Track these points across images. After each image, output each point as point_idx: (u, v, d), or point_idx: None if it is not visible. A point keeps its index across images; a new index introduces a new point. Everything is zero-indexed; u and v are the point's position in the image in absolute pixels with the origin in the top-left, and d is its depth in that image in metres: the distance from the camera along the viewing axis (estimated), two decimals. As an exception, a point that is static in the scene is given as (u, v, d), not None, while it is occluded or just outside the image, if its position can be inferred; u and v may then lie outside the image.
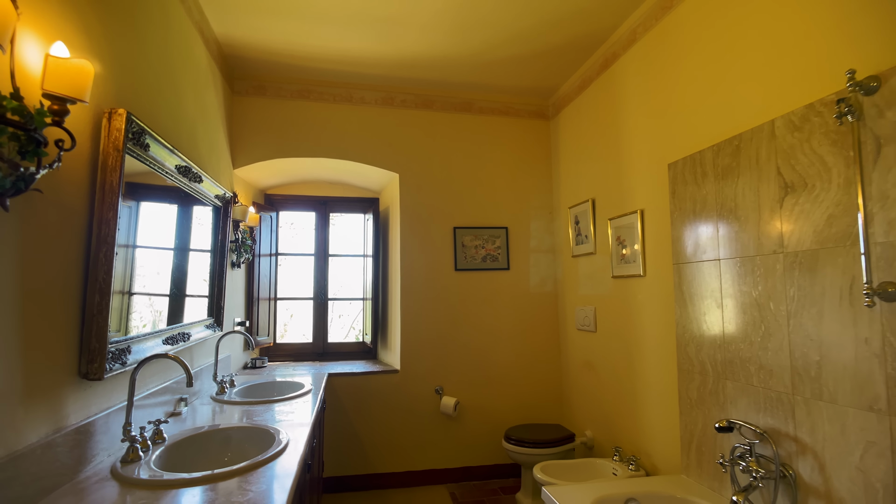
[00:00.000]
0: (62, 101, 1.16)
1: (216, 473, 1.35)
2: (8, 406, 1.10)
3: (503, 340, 3.52)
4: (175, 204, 2.11)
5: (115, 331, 1.54)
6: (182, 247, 2.20)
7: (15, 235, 1.12)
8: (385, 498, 3.10)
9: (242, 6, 2.51)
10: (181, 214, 2.19)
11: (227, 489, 1.28)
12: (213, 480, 1.32)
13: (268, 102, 3.31)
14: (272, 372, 3.18)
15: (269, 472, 1.40)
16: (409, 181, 3.49)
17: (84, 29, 1.40)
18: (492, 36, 2.82)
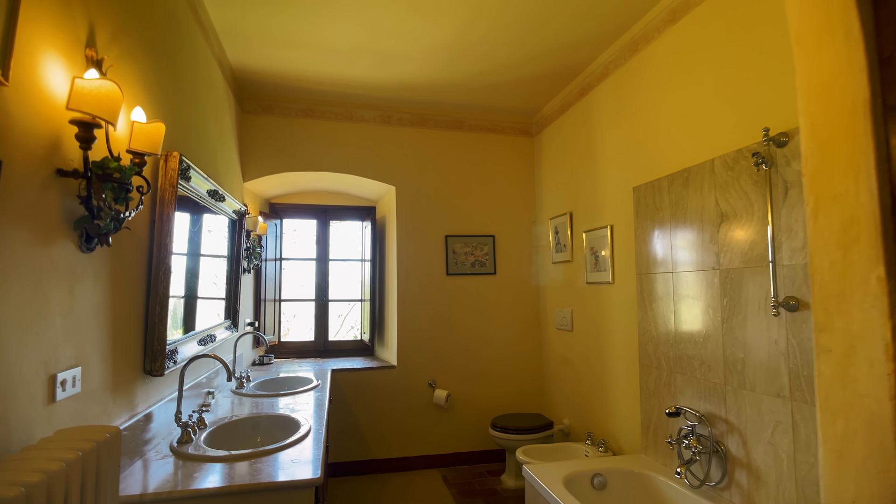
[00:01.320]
0: (142, 156, 1.46)
1: (258, 450, 1.67)
2: (103, 399, 1.41)
3: (490, 338, 3.87)
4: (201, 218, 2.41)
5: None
6: (209, 256, 2.50)
7: (109, 264, 1.43)
8: (383, 481, 3.44)
9: (257, 40, 2.79)
10: (206, 228, 2.48)
11: (273, 460, 1.60)
12: (256, 456, 1.64)
13: (274, 120, 3.60)
14: (278, 368, 3.49)
15: (302, 446, 1.72)
16: (405, 193, 3.81)
17: (146, 86, 1.69)
18: (481, 66, 3.14)
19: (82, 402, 1.29)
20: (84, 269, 1.30)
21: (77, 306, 1.27)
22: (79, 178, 1.21)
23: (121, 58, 1.49)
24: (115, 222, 1.36)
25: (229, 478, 1.47)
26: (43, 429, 1.12)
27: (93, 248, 1.32)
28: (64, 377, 1.20)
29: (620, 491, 2.33)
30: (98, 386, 1.38)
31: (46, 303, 1.13)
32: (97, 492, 1.06)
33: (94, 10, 1.35)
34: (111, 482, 1.13)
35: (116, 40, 1.47)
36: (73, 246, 1.25)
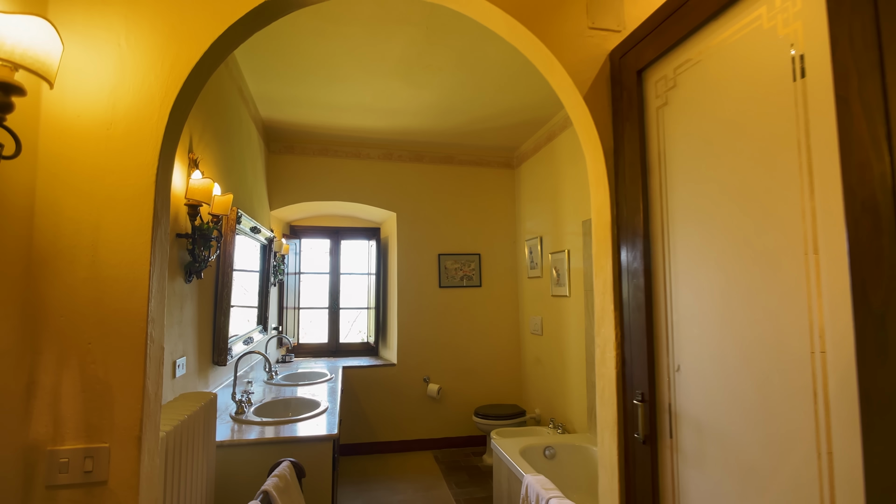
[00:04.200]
0: (219, 217, 2.18)
1: (292, 418, 2.38)
2: (195, 379, 2.13)
3: (476, 341, 4.56)
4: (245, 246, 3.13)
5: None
6: (248, 274, 3.22)
7: (199, 290, 2.15)
8: (385, 459, 4.14)
9: (284, 102, 3.53)
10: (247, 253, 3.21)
11: (304, 424, 2.30)
12: (291, 422, 2.35)
13: (296, 158, 4.33)
14: (298, 365, 4.20)
15: (322, 418, 2.43)
16: (404, 217, 4.52)
17: (216, 163, 2.42)
18: (465, 118, 3.85)
19: (186, 379, 2.01)
20: (186, 294, 2.02)
21: (184, 318, 1.99)
22: (188, 238, 1.93)
23: (205, 149, 2.22)
24: (204, 262, 2.08)
25: (275, 432, 2.18)
26: (170, 394, 1.84)
27: (191, 281, 2.04)
28: (179, 362, 1.91)
29: (566, 460, 3.01)
30: (193, 370, 2.10)
31: (171, 316, 1.85)
32: (205, 433, 1.77)
33: (191, 121, 2.07)
34: (212, 429, 1.84)
35: (202, 138, 2.20)
36: (182, 280, 1.97)
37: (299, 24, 2.49)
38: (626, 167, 1.32)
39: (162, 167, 1.14)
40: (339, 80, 3.17)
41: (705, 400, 1.06)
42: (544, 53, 1.40)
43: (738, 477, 0.97)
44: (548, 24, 1.38)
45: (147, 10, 1.16)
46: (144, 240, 1.09)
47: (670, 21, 1.14)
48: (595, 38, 1.41)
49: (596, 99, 1.39)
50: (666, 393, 1.18)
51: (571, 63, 1.39)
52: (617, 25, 1.42)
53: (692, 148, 1.12)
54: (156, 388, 1.15)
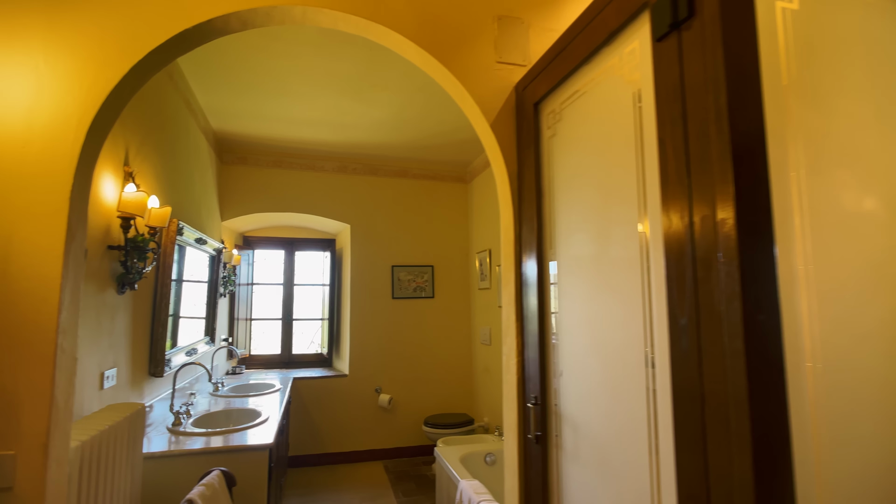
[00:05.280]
0: (156, 229, 2.20)
1: (231, 428, 2.40)
2: (126, 391, 2.13)
3: (428, 351, 4.64)
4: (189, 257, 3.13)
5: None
6: (194, 285, 3.21)
7: (133, 301, 2.16)
8: (334, 471, 4.14)
9: (235, 114, 3.56)
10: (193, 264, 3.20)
11: (241, 434, 2.33)
12: (229, 432, 2.37)
13: (248, 170, 4.34)
14: (248, 376, 4.18)
15: (262, 427, 2.46)
16: (358, 229, 4.58)
17: (156, 176, 2.44)
18: (417, 134, 3.97)
19: (116, 391, 2.02)
20: (119, 306, 2.03)
21: (115, 329, 2.00)
22: (120, 249, 1.96)
23: (143, 162, 2.25)
24: (138, 274, 2.10)
25: (212, 443, 2.20)
26: (97, 405, 1.84)
27: (124, 292, 2.05)
28: (108, 374, 1.92)
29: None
30: (125, 381, 2.10)
31: (100, 327, 1.86)
32: (130, 443, 1.78)
33: (128, 134, 2.10)
34: (138, 440, 1.86)
35: (140, 151, 2.23)
36: (114, 291, 1.98)
37: (246, 41, 2.56)
38: (525, 190, 1.45)
39: (78, 184, 1.20)
40: (288, 95, 3.24)
41: (579, 401, 1.19)
42: (455, 84, 1.52)
43: (600, 468, 1.09)
44: (458, 57, 1.51)
45: (67, 34, 1.21)
46: (57, 254, 1.14)
47: (557, 61, 1.28)
48: (502, 72, 1.54)
49: (502, 127, 1.52)
50: (553, 396, 1.30)
51: (480, 94, 1.51)
52: (522, 60, 1.55)
53: (568, 173, 1.26)
54: (66, 397, 1.19)
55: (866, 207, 0.83)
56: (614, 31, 1.05)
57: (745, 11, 0.78)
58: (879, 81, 0.87)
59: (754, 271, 0.72)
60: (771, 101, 0.78)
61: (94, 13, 1.24)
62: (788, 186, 0.78)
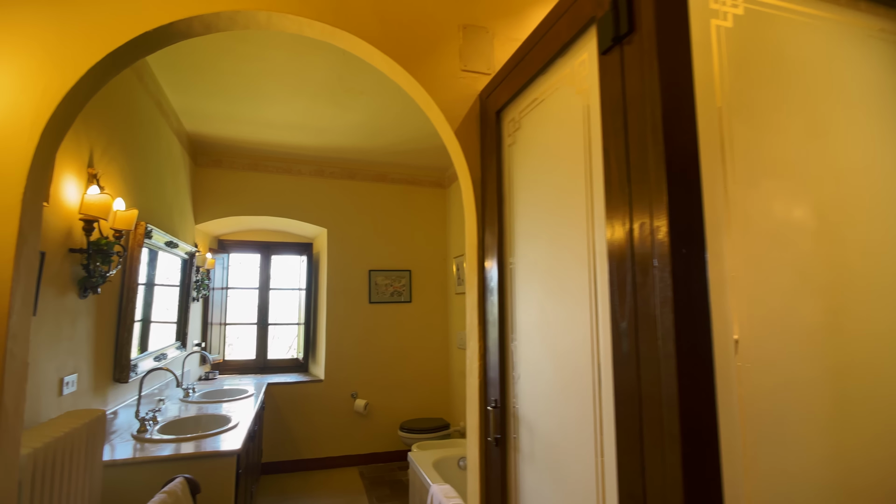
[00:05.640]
0: (121, 232, 2.17)
1: (198, 435, 2.36)
2: (88, 397, 2.09)
3: (405, 356, 4.63)
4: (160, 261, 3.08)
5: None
6: (165, 289, 3.16)
7: (96, 305, 2.12)
8: (308, 477, 4.10)
9: (209, 116, 3.53)
10: (163, 268, 3.15)
11: (208, 441, 2.29)
12: (196, 438, 2.33)
13: (224, 172, 4.30)
14: (222, 382, 4.11)
15: (231, 433, 2.42)
16: (335, 234, 4.57)
17: (124, 179, 2.41)
18: (394, 138, 3.98)
19: (77, 397, 1.97)
20: (81, 310, 1.99)
21: (76, 334, 1.96)
22: (82, 253, 1.92)
23: (109, 164, 2.21)
24: (102, 278, 2.06)
25: (178, 450, 2.17)
26: (55, 411, 1.80)
27: (87, 296, 2.01)
28: (67, 380, 1.88)
29: (479, 469, 3.11)
30: (86, 388, 2.06)
31: (60, 331, 1.83)
32: (88, 450, 1.75)
33: (93, 136, 2.07)
34: (98, 448, 1.82)
35: (107, 153, 2.19)
36: (76, 295, 1.94)
37: (216, 43, 2.54)
38: (489, 197, 1.48)
39: (31, 186, 1.18)
40: (262, 98, 3.22)
41: (535, 404, 1.21)
42: (420, 92, 1.54)
43: (552, 469, 1.11)
44: (423, 65, 1.53)
45: (23, 34, 1.20)
46: (6, 257, 1.12)
47: (516, 70, 1.31)
48: (466, 80, 1.57)
49: (466, 134, 1.54)
50: (512, 399, 1.32)
51: (444, 101, 1.54)
52: (487, 68, 1.58)
53: (526, 181, 1.29)
54: (16, 403, 1.16)
55: (796, 217, 0.87)
56: (567, 43, 1.08)
57: (679, 28, 0.81)
58: (811, 98, 0.92)
59: (686, 277, 0.75)
60: (705, 114, 0.82)
61: (51, 13, 1.23)
62: (721, 196, 0.81)
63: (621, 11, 0.87)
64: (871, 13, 1.02)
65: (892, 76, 1.01)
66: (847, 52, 0.98)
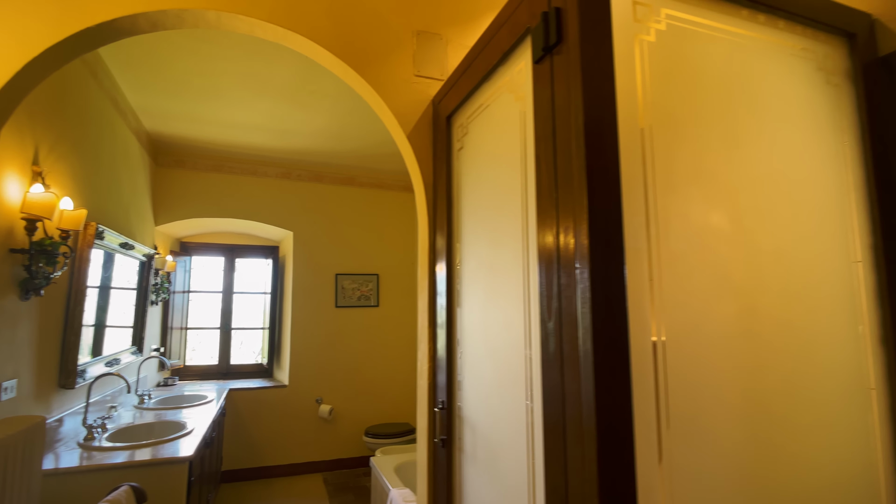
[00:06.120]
0: (68, 232, 2.10)
1: (148, 442, 2.29)
2: (29, 403, 2.00)
3: (372, 361, 4.60)
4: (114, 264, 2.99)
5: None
6: (121, 292, 3.07)
7: (39, 308, 2.05)
8: (271, 484, 4.02)
9: (169, 116, 3.45)
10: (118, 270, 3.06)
11: (160, 448, 2.23)
12: (147, 446, 2.27)
13: (186, 173, 4.20)
14: (182, 388, 4.00)
15: (185, 440, 2.36)
16: (301, 237, 4.52)
17: (74, 177, 2.33)
18: (361, 142, 3.98)
19: (16, 403, 1.89)
20: (22, 313, 1.92)
21: (17, 338, 1.88)
22: (24, 253, 1.85)
23: (56, 162, 2.14)
24: (46, 280, 1.99)
25: (127, 457, 2.10)
26: (-10, 418, 1.73)
27: (29, 298, 1.94)
28: (6, 385, 1.80)
29: (441, 473, 3.12)
30: (28, 393, 1.98)
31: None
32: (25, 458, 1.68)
33: (39, 133, 2.01)
34: (37, 456, 1.75)
35: (54, 150, 2.12)
36: (17, 297, 1.87)
37: (174, 42, 2.49)
38: (440, 201, 1.50)
39: (-42, 183, 1.14)
40: (224, 99, 3.17)
41: (477, 404, 1.23)
42: (374, 96, 1.55)
43: (490, 468, 1.13)
44: (377, 70, 1.54)
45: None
46: (-71, 256, 1.07)
47: (464, 76, 1.34)
48: (420, 85, 1.59)
49: (419, 138, 1.56)
50: (457, 400, 1.34)
51: (397, 106, 1.55)
52: (440, 74, 1.61)
53: (471, 186, 1.31)
54: (-63, 408, 1.11)
55: (714, 223, 0.91)
56: (507, 52, 1.11)
57: (603, 40, 0.85)
58: (729, 110, 0.97)
59: (604, 279, 0.78)
60: (627, 124, 0.86)
61: (-15, 6, 1.20)
62: (641, 203, 0.85)
63: (551, 23, 0.90)
64: (791, 32, 1.08)
65: (810, 92, 1.08)
66: (767, 68, 1.04)
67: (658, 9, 0.93)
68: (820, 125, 1.06)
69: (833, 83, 1.09)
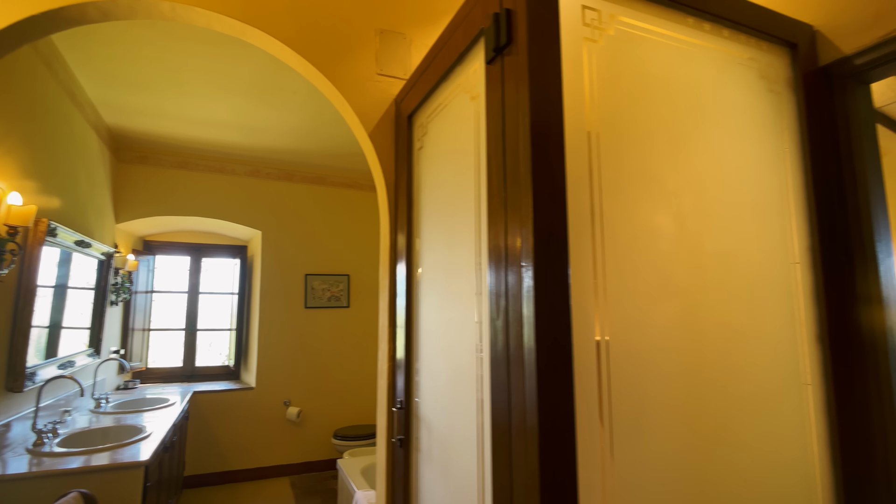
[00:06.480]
0: (16, 228, 2.01)
1: (101, 447, 2.21)
2: (-29, 406, 1.91)
3: (342, 362, 4.56)
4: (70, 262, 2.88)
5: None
6: (78, 291, 2.95)
7: (-17, 307, 1.95)
8: (236, 489, 3.94)
9: (131, 111, 3.35)
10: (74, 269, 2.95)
11: (114, 453, 2.15)
12: (100, 451, 2.19)
13: (150, 170, 4.08)
14: (143, 391, 3.88)
15: (137, 445, 2.29)
16: (270, 237, 4.44)
17: (25, 172, 2.24)
18: (331, 141, 3.94)
19: (-45, 408, 1.80)
20: (-36, 313, 1.83)
21: (-43, 339, 1.79)
22: (-34, 250, 1.77)
23: (5, 156, 2.05)
24: (-9, 278, 1.90)
25: (80, 463, 2.02)
26: (-74, 424, 1.64)
27: (-28, 297, 1.85)
28: (-56, 389, 1.72)
29: (409, 474, 3.11)
30: (-32, 397, 1.89)
31: (-65, 337, 1.67)
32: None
33: (-15, 125, 1.92)
34: (-22, 460, 1.67)
35: (2, 144, 2.03)
36: (-43, 296, 1.78)
37: (135, 34, 2.42)
38: (402, 200, 1.49)
39: None
40: (189, 94, 3.09)
41: (432, 403, 1.23)
42: (336, 94, 1.54)
43: (444, 467, 1.13)
44: (339, 67, 1.53)
45: None
46: None
47: (424, 76, 1.34)
48: (383, 84, 1.58)
49: (381, 137, 1.55)
50: (415, 399, 1.34)
51: (360, 104, 1.54)
52: (403, 73, 1.61)
53: (430, 185, 1.31)
54: None
55: (658, 224, 0.94)
56: (463, 52, 1.11)
57: (551, 42, 0.86)
58: (675, 115, 1.00)
59: (549, 278, 0.80)
60: (573, 125, 0.87)
61: (-82, -11, 1.14)
62: (587, 203, 0.87)
63: (501, 24, 0.91)
64: (735, 41, 1.12)
65: (753, 99, 1.12)
66: (712, 74, 1.07)
67: (607, 14, 0.95)
68: (762, 131, 1.10)
69: (775, 91, 1.14)
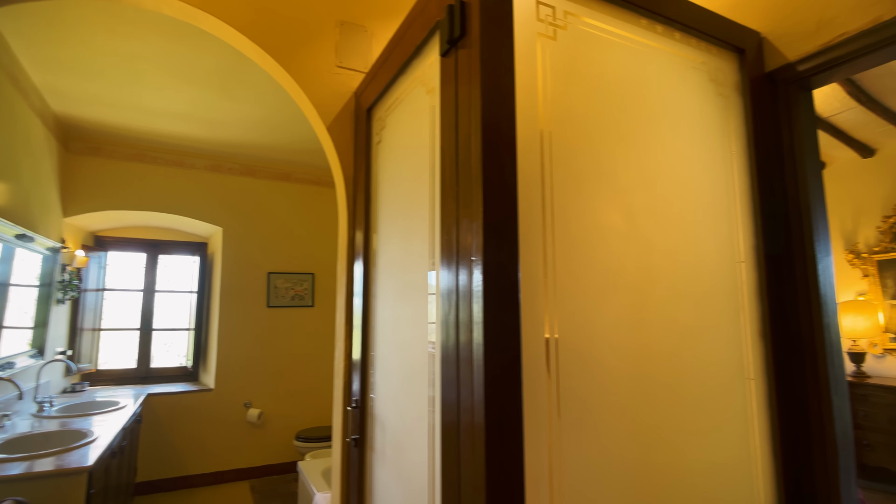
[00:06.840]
0: (-54, 220, 1.88)
1: (39, 453, 2.09)
2: None
3: (305, 362, 4.47)
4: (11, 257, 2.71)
5: (-40, 362, 2.17)
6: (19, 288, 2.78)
7: None
8: (192, 495, 3.80)
9: (81, 99, 3.18)
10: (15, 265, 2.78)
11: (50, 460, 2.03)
12: (38, 457, 2.06)
13: (102, 162, 3.89)
14: (93, 394, 3.69)
15: (81, 451, 2.17)
16: (231, 234, 4.31)
17: (-44, 159, 2.09)
18: (295, 136, 3.85)
19: None
20: None
21: None
22: None
23: (-68, 142, 1.91)
24: (-84, 272, 1.77)
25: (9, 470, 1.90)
26: None
27: None
28: None
29: (372, 475, 3.07)
30: None
31: None
32: None
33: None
34: None
35: (-71, 129, 1.89)
36: None
37: (87, 18, 2.30)
38: (360, 196, 1.47)
39: None
40: (143, 84, 2.97)
41: (386, 402, 1.21)
42: (293, 85, 1.50)
43: (396, 466, 1.12)
44: (297, 59, 1.49)
45: None
46: None
47: (382, 69, 1.32)
48: (342, 77, 1.55)
49: (339, 131, 1.52)
50: (370, 398, 1.31)
51: (318, 97, 1.51)
52: (363, 66, 1.58)
53: (388, 180, 1.30)
54: None
55: (608, 220, 0.95)
56: (419, 45, 1.10)
57: (503, 36, 0.86)
58: (626, 113, 1.01)
59: (498, 273, 0.79)
60: (526, 120, 0.87)
61: None
62: (538, 198, 0.87)
63: (455, 16, 0.90)
64: (686, 44, 1.15)
65: (702, 101, 1.15)
66: (663, 75, 1.09)
67: (561, 10, 0.95)
68: (710, 133, 1.13)
69: (723, 94, 1.17)
